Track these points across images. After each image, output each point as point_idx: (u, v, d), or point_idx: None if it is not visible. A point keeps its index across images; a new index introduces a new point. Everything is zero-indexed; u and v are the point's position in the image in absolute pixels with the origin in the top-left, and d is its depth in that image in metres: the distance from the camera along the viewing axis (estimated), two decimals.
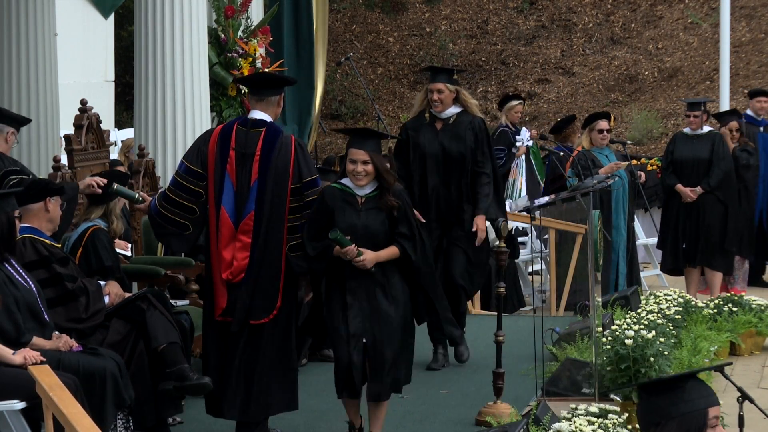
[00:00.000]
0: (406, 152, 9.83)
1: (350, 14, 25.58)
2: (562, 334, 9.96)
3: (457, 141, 9.71)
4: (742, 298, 12.04)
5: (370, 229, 7.49)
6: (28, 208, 7.63)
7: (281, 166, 7.56)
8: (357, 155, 7.51)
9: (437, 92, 9.74)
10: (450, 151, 9.71)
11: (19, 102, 11.66)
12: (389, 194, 7.53)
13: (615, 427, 7.64)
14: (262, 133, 7.61)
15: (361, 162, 7.49)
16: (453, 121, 9.78)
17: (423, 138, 9.78)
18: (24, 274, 7.20)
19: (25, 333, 6.97)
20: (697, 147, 13.61)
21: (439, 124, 9.80)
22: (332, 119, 23.87)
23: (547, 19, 25.21)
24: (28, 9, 11.83)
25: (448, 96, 9.73)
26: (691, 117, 13.81)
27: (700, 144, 13.61)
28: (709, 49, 23.04)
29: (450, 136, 9.74)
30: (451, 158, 9.72)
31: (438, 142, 9.74)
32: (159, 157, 10.95)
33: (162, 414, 7.76)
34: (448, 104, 9.77)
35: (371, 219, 7.51)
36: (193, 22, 11.09)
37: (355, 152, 7.52)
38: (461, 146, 9.70)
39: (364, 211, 7.53)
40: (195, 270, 9.14)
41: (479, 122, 9.83)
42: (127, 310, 7.75)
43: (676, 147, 13.82)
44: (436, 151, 9.73)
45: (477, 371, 9.62)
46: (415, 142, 9.79)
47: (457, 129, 9.75)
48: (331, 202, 7.51)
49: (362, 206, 7.53)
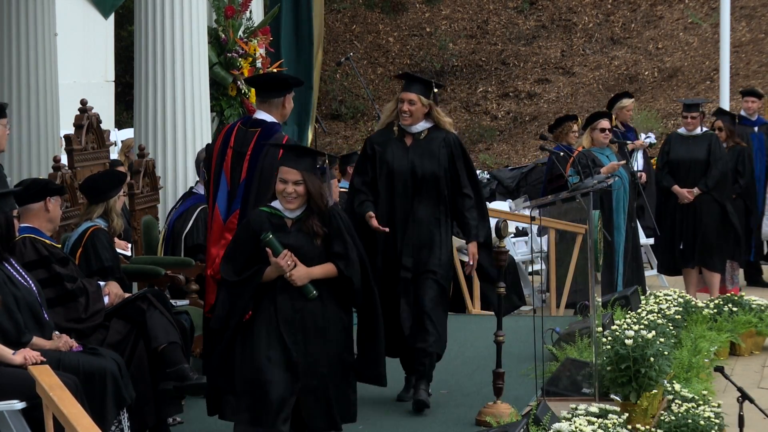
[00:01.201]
0: (371, 169, 8.68)
1: (350, 14, 25.58)
2: (562, 334, 9.96)
3: (429, 159, 8.58)
4: (742, 298, 12.04)
5: (301, 250, 6.92)
6: (28, 208, 7.63)
7: (268, 167, 7.57)
8: (288, 175, 6.94)
9: (408, 103, 8.58)
10: (421, 170, 8.57)
11: (19, 102, 11.66)
12: (315, 219, 6.94)
13: (615, 427, 7.64)
14: (257, 133, 7.65)
15: (293, 182, 6.93)
16: (424, 136, 8.65)
17: (391, 154, 8.63)
18: (24, 274, 7.20)
19: (26, 333, 6.97)
20: (694, 148, 13.53)
21: (409, 140, 8.65)
22: (332, 119, 23.87)
23: (547, 19, 25.21)
24: (28, 9, 11.82)
25: (419, 109, 8.59)
26: (688, 118, 13.71)
27: (697, 145, 13.53)
28: (709, 49, 23.05)
29: (421, 153, 8.59)
30: (422, 178, 8.58)
31: (408, 159, 8.59)
32: (159, 157, 10.95)
33: (162, 414, 7.76)
34: (418, 118, 8.63)
35: (302, 240, 6.95)
36: (193, 22, 11.09)
37: (286, 171, 6.95)
38: (434, 165, 8.57)
39: (294, 233, 6.97)
40: (195, 270, 9.14)
41: (454, 138, 8.72)
42: (127, 310, 7.75)
43: (672, 148, 13.73)
44: (405, 169, 8.58)
45: (477, 371, 9.61)
46: (382, 158, 8.63)
47: (429, 145, 8.61)
48: (258, 226, 6.95)
49: (292, 228, 6.98)
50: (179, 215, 9.81)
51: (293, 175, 6.93)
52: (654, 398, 8.50)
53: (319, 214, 6.95)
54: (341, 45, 24.95)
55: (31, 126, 11.69)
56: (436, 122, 8.65)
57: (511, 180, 19.41)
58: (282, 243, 6.89)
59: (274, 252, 6.86)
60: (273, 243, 6.87)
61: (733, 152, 14.13)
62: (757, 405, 7.88)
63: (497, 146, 23.01)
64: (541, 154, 15.85)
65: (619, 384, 8.38)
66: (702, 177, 13.42)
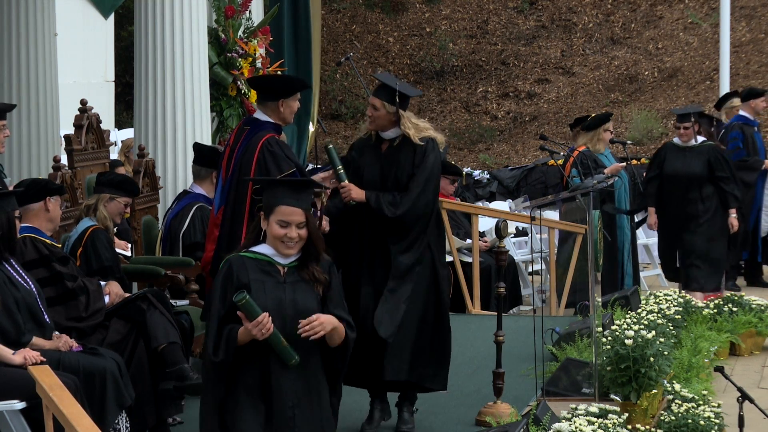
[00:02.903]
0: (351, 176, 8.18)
1: (350, 14, 25.58)
2: (562, 334, 9.96)
3: (397, 167, 8.06)
4: (742, 298, 12.04)
5: (300, 305, 5.68)
6: (28, 208, 7.64)
7: (245, 164, 7.70)
8: (292, 216, 5.69)
9: (372, 107, 8.11)
10: (387, 178, 8.07)
11: (19, 102, 11.65)
12: (316, 265, 5.78)
13: (615, 427, 7.64)
14: (245, 131, 7.77)
15: (296, 225, 5.70)
16: (398, 144, 8.11)
17: (364, 161, 8.17)
18: (24, 274, 7.20)
19: (26, 333, 6.98)
20: (690, 160, 13.07)
21: (384, 146, 8.16)
22: (332, 119, 23.87)
23: (547, 19, 25.21)
24: (28, 9, 11.83)
25: (382, 116, 8.04)
26: (681, 129, 13.24)
27: (693, 157, 13.08)
28: (709, 49, 23.05)
29: (391, 161, 8.09)
30: (387, 186, 8.05)
31: (378, 166, 8.11)
32: (159, 157, 10.95)
33: (162, 414, 7.76)
34: (383, 125, 8.07)
35: (300, 293, 5.72)
36: (193, 22, 11.09)
37: (289, 212, 5.69)
38: (400, 173, 8.04)
39: (290, 283, 5.73)
40: (195, 270, 9.15)
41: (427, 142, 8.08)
42: (127, 310, 7.76)
43: (667, 159, 13.22)
44: (374, 177, 8.09)
45: (477, 371, 9.62)
46: (357, 165, 8.18)
47: (399, 154, 8.08)
48: (243, 275, 5.66)
49: (285, 277, 5.73)
50: (175, 215, 9.82)
51: (298, 216, 5.71)
52: (654, 398, 8.50)
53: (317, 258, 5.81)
54: (341, 45, 24.95)
55: (31, 126, 11.69)
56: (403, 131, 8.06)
57: (511, 180, 19.43)
58: (278, 300, 5.69)
59: (250, 316, 5.55)
60: (250, 305, 5.55)
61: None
62: (757, 405, 7.87)
63: (497, 146, 23.01)
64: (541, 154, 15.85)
65: (619, 384, 8.37)
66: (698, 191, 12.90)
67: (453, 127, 23.36)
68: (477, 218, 12.75)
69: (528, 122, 23.12)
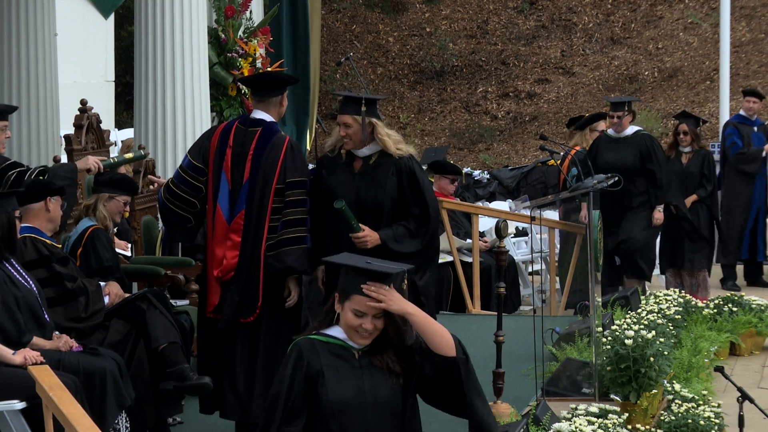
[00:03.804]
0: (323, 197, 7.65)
1: (350, 14, 25.58)
2: (562, 334, 9.96)
3: (375, 188, 7.54)
4: (742, 298, 12.05)
5: (376, 392, 5.14)
6: (28, 208, 7.64)
7: (269, 166, 7.58)
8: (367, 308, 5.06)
9: (344, 126, 7.60)
10: (365, 200, 7.55)
11: (19, 102, 11.66)
12: (390, 353, 5.18)
13: (615, 427, 7.64)
14: (257, 133, 7.64)
15: (374, 316, 5.08)
16: (374, 161, 7.60)
17: (336, 180, 7.62)
18: (24, 274, 7.21)
19: (26, 333, 6.98)
20: (622, 151, 12.63)
21: (358, 164, 7.63)
22: (332, 119, 23.86)
23: (547, 19, 25.20)
24: (28, 9, 11.83)
25: (357, 131, 7.56)
26: (614, 117, 12.71)
27: (626, 148, 12.65)
28: (709, 49, 23.04)
29: (369, 181, 7.57)
30: (365, 209, 7.54)
31: (354, 187, 7.57)
32: (159, 157, 10.96)
33: (162, 414, 7.76)
34: (361, 141, 7.60)
35: (378, 381, 5.15)
36: (193, 22, 11.10)
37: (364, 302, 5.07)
38: (380, 194, 7.54)
39: (366, 369, 5.16)
40: (195, 270, 9.15)
41: (407, 162, 7.61)
42: (127, 310, 7.76)
43: (599, 151, 12.71)
44: (349, 199, 7.51)
45: (477, 371, 9.57)
46: (328, 184, 7.62)
47: (377, 173, 7.57)
48: (315, 361, 5.08)
49: (359, 362, 5.15)
50: None
51: (372, 309, 5.06)
52: (654, 398, 8.50)
53: (393, 347, 5.17)
54: (341, 45, 24.94)
55: (31, 126, 11.69)
56: (381, 144, 7.59)
57: (511, 180, 19.44)
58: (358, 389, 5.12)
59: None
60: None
61: (698, 156, 13.52)
62: (757, 405, 7.87)
63: (497, 146, 23.01)
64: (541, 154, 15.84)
65: (619, 384, 8.38)
66: (630, 184, 12.10)
67: (453, 127, 23.36)
68: (477, 218, 12.75)
69: (528, 122, 23.12)
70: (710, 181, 13.60)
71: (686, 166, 13.56)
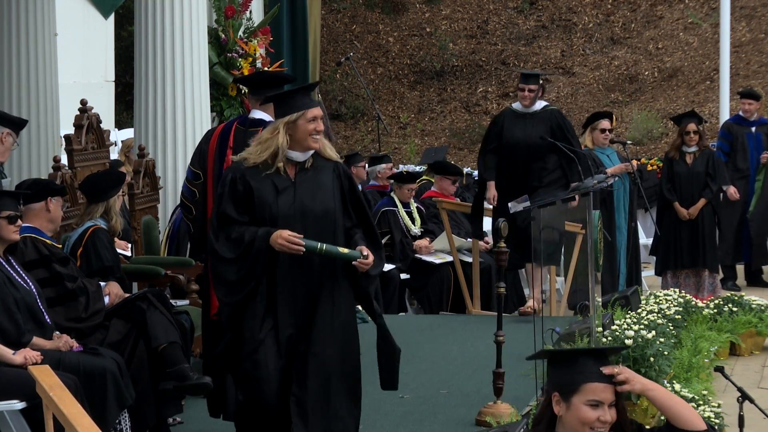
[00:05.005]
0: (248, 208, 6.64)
1: (350, 14, 25.58)
2: (562, 334, 9.96)
3: (323, 194, 6.66)
4: (742, 298, 12.05)
5: None
6: (29, 208, 7.64)
7: None
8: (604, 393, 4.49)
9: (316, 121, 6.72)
10: (311, 208, 6.61)
11: (19, 102, 11.66)
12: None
13: None
14: (257, 133, 7.63)
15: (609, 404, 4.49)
16: (311, 165, 6.69)
17: (269, 191, 6.62)
18: (24, 274, 7.21)
19: (26, 333, 6.98)
20: (531, 128, 11.60)
21: (292, 170, 6.63)
22: (332, 119, 23.85)
23: (547, 19, 25.20)
24: (28, 9, 11.83)
25: None
26: (525, 91, 11.67)
27: (534, 124, 11.63)
28: (709, 49, 23.04)
29: (313, 186, 6.64)
30: (314, 218, 6.62)
31: (296, 195, 6.60)
32: (159, 157, 10.95)
33: (162, 414, 7.76)
34: None
35: None
36: (193, 22, 11.09)
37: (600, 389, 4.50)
38: (328, 200, 6.65)
39: None
40: (195, 270, 9.15)
41: (343, 167, 6.83)
42: (127, 310, 7.76)
43: (505, 127, 11.62)
44: (293, 212, 6.58)
45: (477, 371, 9.62)
46: (264, 200, 6.59)
47: (319, 177, 6.67)
48: None
49: None
50: None
51: (608, 394, 4.47)
52: None
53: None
54: (341, 45, 24.94)
55: (31, 126, 11.68)
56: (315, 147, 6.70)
57: None
58: None
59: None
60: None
61: (703, 156, 13.52)
62: (757, 405, 7.86)
63: None
64: None
65: None
66: (539, 162, 11.31)
67: (453, 127, 23.35)
68: None
69: None
70: (715, 180, 13.60)
71: (692, 166, 13.56)
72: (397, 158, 21.10)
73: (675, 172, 13.66)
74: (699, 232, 13.52)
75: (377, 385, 7.58)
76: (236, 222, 6.51)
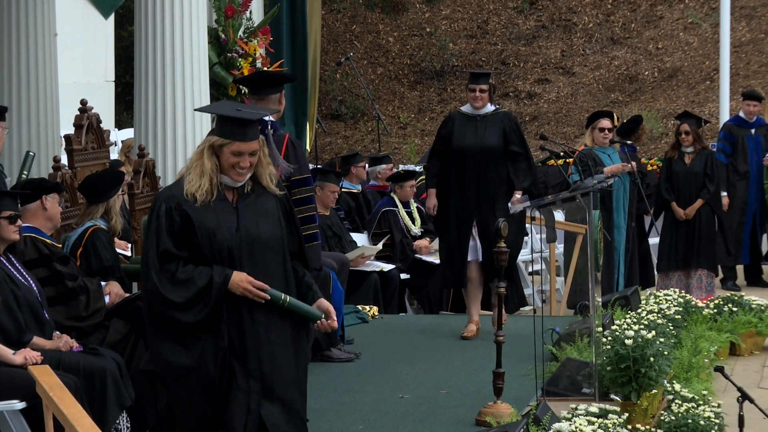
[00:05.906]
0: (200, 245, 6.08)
1: (350, 14, 25.58)
2: (562, 334, 9.96)
3: (269, 221, 6.14)
4: (742, 298, 12.05)
5: None
6: (26, 208, 7.64)
7: None
8: None
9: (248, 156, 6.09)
10: (256, 236, 6.08)
11: (19, 102, 11.66)
12: None
13: (615, 427, 7.64)
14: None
15: None
16: (249, 190, 6.16)
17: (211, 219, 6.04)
18: (24, 273, 7.21)
19: (26, 332, 6.98)
20: (482, 130, 10.78)
21: (232, 196, 6.11)
22: (332, 119, 23.87)
23: (547, 19, 25.21)
24: (28, 9, 11.82)
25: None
26: (476, 91, 10.86)
27: (485, 127, 10.80)
28: (709, 49, 23.04)
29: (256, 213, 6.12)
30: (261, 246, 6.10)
31: (240, 222, 6.06)
32: (159, 157, 10.95)
33: None
34: None
35: None
36: (193, 22, 11.09)
37: None
38: (275, 228, 6.15)
39: None
40: None
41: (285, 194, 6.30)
42: (127, 310, 7.76)
43: (455, 129, 10.83)
44: (238, 242, 6.06)
45: (477, 371, 9.61)
46: (201, 226, 6.04)
47: (260, 203, 6.16)
48: None
49: None
50: None
51: None
52: (654, 398, 8.49)
53: None
54: (341, 45, 24.95)
55: (31, 126, 11.68)
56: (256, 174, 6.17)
57: None
58: None
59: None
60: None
61: (701, 156, 13.52)
62: (757, 405, 7.88)
63: None
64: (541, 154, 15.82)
65: (619, 384, 8.37)
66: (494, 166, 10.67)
67: None
68: None
69: (528, 122, 23.11)
70: (713, 181, 13.59)
71: (689, 167, 13.59)
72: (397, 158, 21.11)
73: (673, 171, 13.70)
74: (696, 233, 13.54)
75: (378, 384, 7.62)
76: (176, 258, 5.98)
